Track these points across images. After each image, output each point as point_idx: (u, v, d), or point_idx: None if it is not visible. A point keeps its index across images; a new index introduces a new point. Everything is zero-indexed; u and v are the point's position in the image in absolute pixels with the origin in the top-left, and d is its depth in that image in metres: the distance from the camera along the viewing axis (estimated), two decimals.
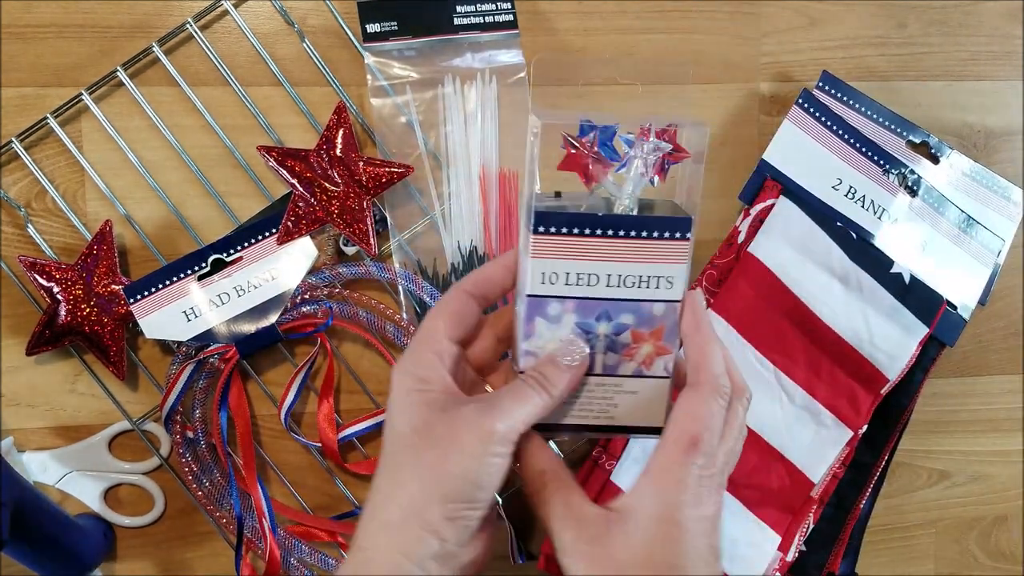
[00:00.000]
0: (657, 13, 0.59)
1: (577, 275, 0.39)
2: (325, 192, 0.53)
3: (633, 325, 0.39)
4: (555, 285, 0.39)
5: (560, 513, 0.37)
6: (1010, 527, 0.64)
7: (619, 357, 0.40)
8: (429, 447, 0.35)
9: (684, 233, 0.39)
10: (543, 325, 0.39)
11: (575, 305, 0.39)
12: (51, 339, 0.52)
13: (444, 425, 0.36)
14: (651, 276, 0.39)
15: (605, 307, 0.39)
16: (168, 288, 0.52)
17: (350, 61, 0.56)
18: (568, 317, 0.39)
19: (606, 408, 0.40)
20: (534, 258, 0.38)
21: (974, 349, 0.63)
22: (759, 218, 0.57)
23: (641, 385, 0.40)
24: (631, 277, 0.39)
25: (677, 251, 0.39)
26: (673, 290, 0.39)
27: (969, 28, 0.62)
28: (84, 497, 0.55)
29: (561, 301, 0.39)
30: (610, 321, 0.39)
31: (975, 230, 0.59)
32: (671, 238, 0.38)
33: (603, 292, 0.39)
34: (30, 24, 0.54)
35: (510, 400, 0.36)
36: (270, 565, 0.53)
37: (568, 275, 0.39)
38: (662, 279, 0.39)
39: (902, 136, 0.60)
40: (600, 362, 0.40)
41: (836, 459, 0.57)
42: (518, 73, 0.57)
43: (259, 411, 0.57)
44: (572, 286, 0.39)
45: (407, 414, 0.36)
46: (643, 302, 0.39)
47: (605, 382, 0.40)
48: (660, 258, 0.39)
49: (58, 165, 0.54)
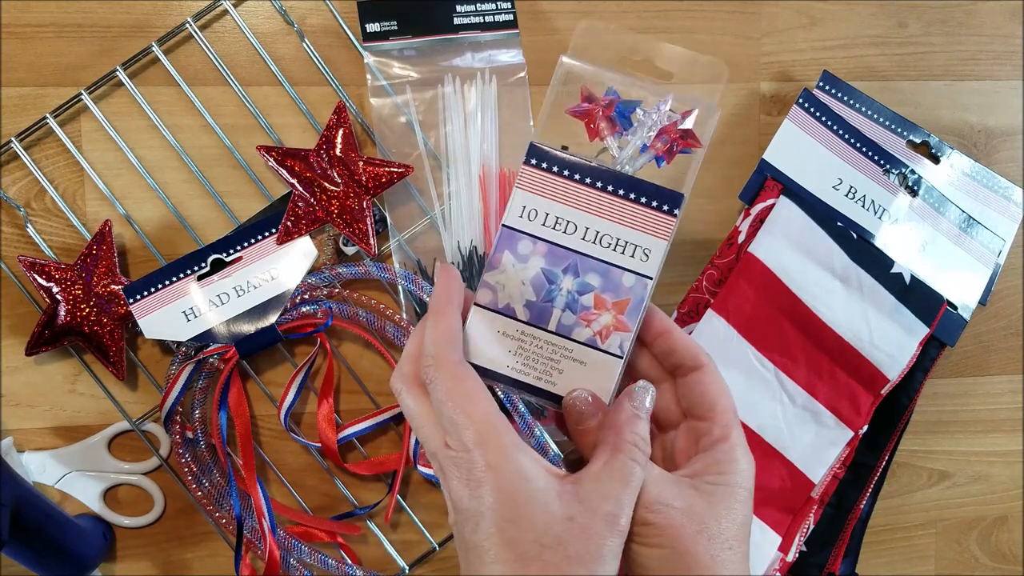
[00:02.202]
0: (657, 13, 0.59)
1: (556, 218, 0.38)
2: (325, 192, 0.53)
3: (598, 288, 0.38)
4: (532, 222, 0.38)
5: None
6: (1010, 527, 0.64)
7: (576, 319, 0.38)
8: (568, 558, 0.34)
9: (672, 208, 0.38)
10: (510, 260, 0.38)
11: (546, 249, 0.38)
12: (50, 339, 0.52)
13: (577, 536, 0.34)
14: (629, 242, 0.38)
15: (575, 260, 0.38)
16: (168, 288, 0.52)
17: (350, 61, 0.56)
18: (536, 260, 0.38)
19: (550, 371, 0.39)
20: (518, 188, 0.38)
21: (975, 349, 0.63)
22: (759, 218, 0.57)
23: (592, 358, 0.39)
24: (608, 237, 0.38)
25: (662, 225, 0.38)
26: (648, 264, 0.38)
27: (970, 28, 0.62)
28: (84, 497, 0.55)
29: (534, 241, 0.38)
30: (576, 277, 0.38)
31: (975, 230, 0.59)
32: (658, 209, 0.38)
33: (577, 244, 0.38)
34: (29, 24, 0.54)
35: (620, 487, 0.35)
36: (270, 565, 0.53)
37: (548, 216, 0.38)
38: (639, 248, 0.38)
39: (902, 136, 0.60)
40: (556, 319, 0.38)
41: (836, 459, 0.57)
42: (518, 73, 0.57)
43: (259, 411, 0.57)
44: (549, 229, 0.38)
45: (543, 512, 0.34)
46: (614, 267, 0.38)
47: (555, 342, 0.38)
48: (643, 227, 0.38)
49: (57, 165, 0.54)
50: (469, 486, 0.35)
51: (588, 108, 0.39)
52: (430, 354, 0.36)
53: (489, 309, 0.38)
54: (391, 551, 0.57)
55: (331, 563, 0.55)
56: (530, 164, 0.38)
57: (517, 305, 0.39)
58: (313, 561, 0.55)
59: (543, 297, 0.38)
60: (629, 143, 0.39)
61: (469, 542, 0.35)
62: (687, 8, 0.59)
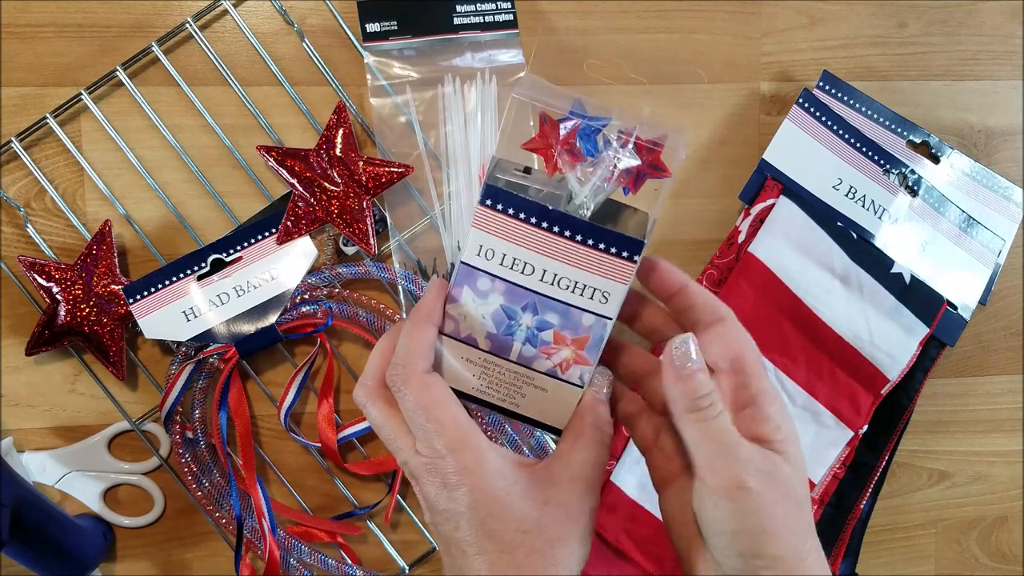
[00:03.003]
0: (657, 13, 0.59)
1: (514, 259, 0.37)
2: (325, 192, 0.53)
3: (557, 327, 0.38)
4: (490, 262, 0.38)
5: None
6: (1010, 527, 0.64)
7: (536, 352, 0.38)
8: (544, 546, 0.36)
9: (632, 255, 0.37)
10: (469, 296, 0.38)
11: (504, 287, 0.38)
12: (50, 339, 0.52)
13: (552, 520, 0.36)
14: (588, 286, 0.38)
15: (533, 300, 0.38)
16: (168, 288, 0.52)
17: (350, 61, 0.56)
18: (495, 297, 0.38)
19: (513, 394, 0.39)
20: (475, 228, 0.37)
21: (975, 349, 0.63)
22: (759, 218, 0.57)
23: (553, 385, 0.39)
24: (567, 280, 0.38)
25: (621, 270, 0.37)
26: (607, 306, 0.38)
27: (970, 28, 0.62)
28: (84, 497, 0.55)
29: (492, 279, 0.38)
30: (535, 315, 0.38)
31: (975, 230, 0.59)
32: (617, 256, 0.37)
33: (535, 285, 0.38)
34: (29, 24, 0.54)
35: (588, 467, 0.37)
36: (269, 565, 0.53)
37: (505, 256, 0.37)
38: (598, 291, 0.38)
39: (902, 136, 0.60)
40: (517, 351, 0.39)
41: (836, 459, 0.57)
42: (518, 73, 0.57)
43: (259, 411, 0.57)
44: (507, 269, 0.38)
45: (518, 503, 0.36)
46: (573, 308, 0.38)
47: (517, 371, 0.39)
48: (602, 271, 0.37)
49: (57, 165, 0.54)
50: (446, 489, 0.36)
51: (546, 137, 0.37)
52: (399, 363, 0.37)
53: (452, 338, 0.39)
54: (391, 551, 0.57)
55: (331, 563, 0.55)
56: (485, 205, 0.36)
57: (479, 336, 0.39)
58: (313, 561, 0.55)
59: (503, 331, 0.39)
60: (590, 177, 0.37)
61: (450, 538, 0.36)
62: (687, 8, 0.59)
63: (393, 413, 0.38)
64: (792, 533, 0.35)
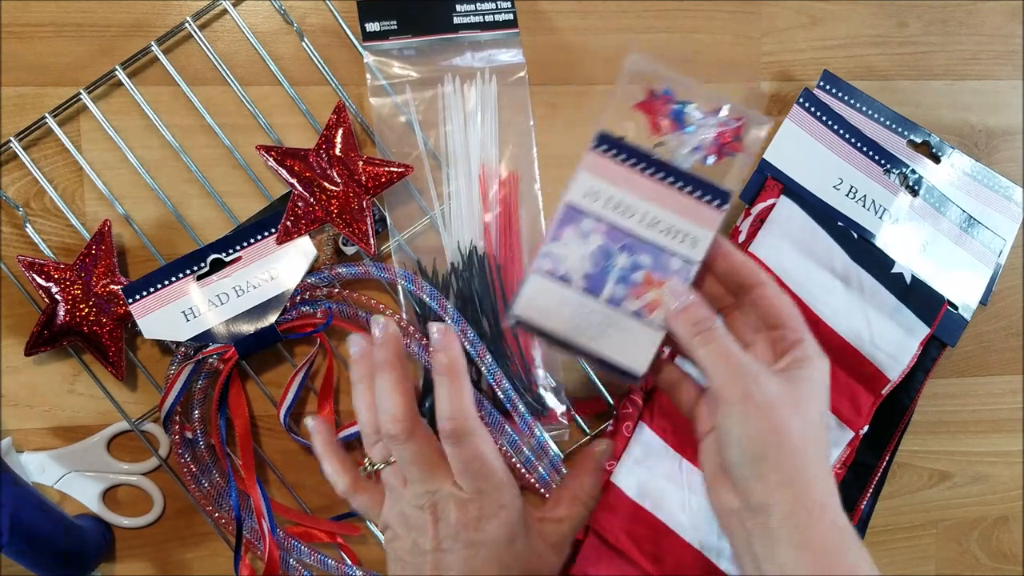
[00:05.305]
0: (658, 12, 0.59)
1: (617, 202, 0.42)
2: (324, 192, 0.53)
3: (648, 268, 0.42)
4: (594, 203, 0.42)
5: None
6: (1011, 528, 0.64)
7: (627, 292, 0.42)
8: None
9: (721, 203, 0.42)
10: (571, 235, 0.42)
11: (605, 229, 0.42)
12: (50, 339, 0.52)
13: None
14: (680, 230, 0.42)
15: (630, 241, 0.42)
16: (167, 288, 0.52)
17: (349, 60, 0.56)
18: (595, 237, 0.42)
19: (597, 335, 0.42)
20: (584, 170, 0.42)
21: (975, 349, 0.63)
22: (760, 218, 0.57)
23: (637, 328, 0.42)
24: (663, 223, 0.42)
25: (711, 216, 0.42)
26: (695, 250, 0.42)
27: (970, 27, 0.62)
28: (83, 498, 0.55)
29: (594, 220, 0.42)
30: (630, 255, 0.42)
31: (976, 230, 0.59)
32: (709, 202, 0.42)
33: (633, 227, 0.42)
34: (28, 23, 0.54)
35: (569, 531, 0.47)
36: (269, 566, 0.53)
37: (609, 199, 0.42)
38: (688, 236, 0.42)
39: (903, 135, 0.60)
40: (609, 291, 0.42)
41: (837, 460, 0.57)
42: (518, 72, 0.57)
43: (258, 411, 0.56)
44: (608, 210, 0.42)
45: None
46: (664, 251, 0.42)
47: (606, 311, 0.42)
48: (694, 217, 0.42)
49: (56, 165, 0.54)
50: (480, 520, 0.43)
51: (653, 104, 0.43)
52: (462, 416, 0.43)
53: (549, 276, 0.42)
54: None
55: (331, 563, 0.55)
56: (597, 149, 0.41)
57: (575, 275, 0.42)
58: (313, 561, 0.54)
59: (599, 271, 0.42)
60: (686, 141, 0.43)
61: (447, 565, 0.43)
62: (687, 8, 0.59)
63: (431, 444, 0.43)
64: (800, 449, 0.38)
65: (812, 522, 0.37)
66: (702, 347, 0.40)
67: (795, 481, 0.37)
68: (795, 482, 0.37)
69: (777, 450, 0.38)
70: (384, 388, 0.44)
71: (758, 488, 0.38)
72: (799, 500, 0.37)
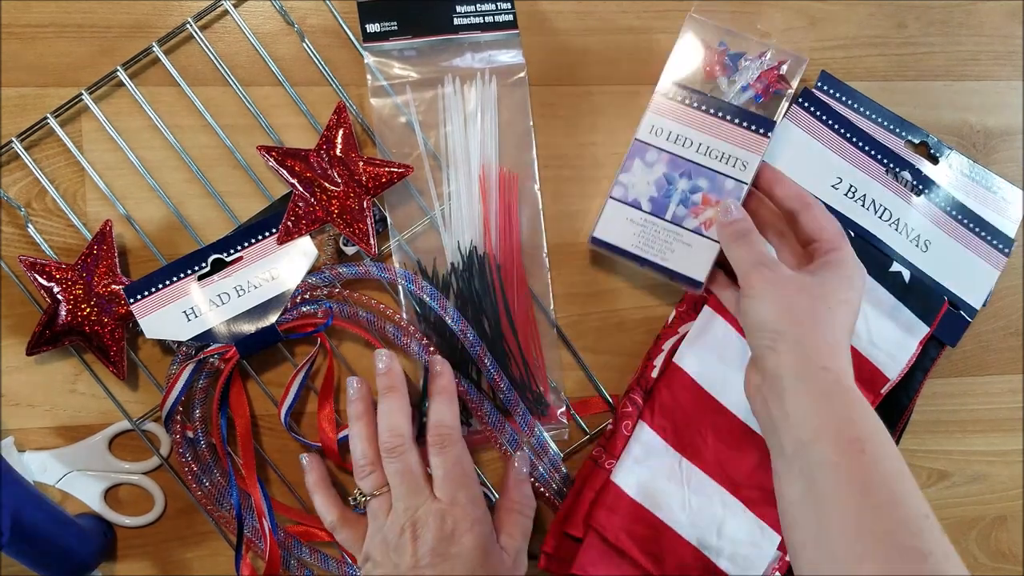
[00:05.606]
0: (657, 13, 0.59)
1: (677, 135, 0.52)
2: (325, 192, 0.53)
3: (706, 190, 0.51)
4: (658, 138, 0.52)
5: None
6: (1009, 527, 0.64)
7: (687, 212, 0.51)
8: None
9: (766, 131, 0.52)
10: (639, 165, 0.52)
11: (668, 158, 0.52)
12: (51, 339, 0.52)
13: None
14: (731, 156, 0.51)
15: (689, 168, 0.52)
16: (168, 288, 0.52)
17: (350, 61, 0.56)
18: (659, 166, 0.52)
19: (664, 250, 0.52)
20: (650, 112, 0.53)
21: (974, 349, 0.63)
22: None
23: (697, 241, 0.51)
24: (716, 151, 0.52)
25: (757, 143, 0.52)
26: (745, 172, 0.51)
27: (969, 28, 0.62)
28: (84, 497, 0.55)
29: (658, 152, 0.52)
30: (690, 180, 0.52)
31: (981, 228, 0.59)
32: (755, 131, 0.52)
33: (692, 155, 0.52)
34: (30, 24, 0.54)
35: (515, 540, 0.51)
36: (270, 565, 0.53)
37: (671, 134, 0.52)
38: (739, 161, 0.51)
39: (901, 136, 0.60)
40: (672, 211, 0.52)
41: None
42: (518, 73, 0.57)
43: (259, 411, 0.57)
44: (671, 143, 0.52)
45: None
46: (719, 174, 0.51)
47: (670, 228, 0.52)
48: (743, 143, 0.52)
49: (58, 165, 0.54)
50: (455, 534, 0.47)
51: (709, 53, 0.55)
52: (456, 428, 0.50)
53: (621, 201, 0.52)
54: None
55: (331, 563, 0.55)
56: (660, 94, 0.52)
57: (643, 199, 0.52)
58: (313, 561, 0.55)
59: (663, 194, 0.52)
60: (736, 83, 0.54)
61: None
62: (687, 8, 0.59)
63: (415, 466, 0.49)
64: (809, 325, 0.44)
65: (815, 378, 0.43)
66: (737, 248, 0.47)
67: (803, 350, 0.43)
68: (803, 350, 0.43)
69: (789, 326, 0.44)
70: (387, 408, 0.50)
71: (771, 359, 0.44)
72: (805, 363, 0.43)
